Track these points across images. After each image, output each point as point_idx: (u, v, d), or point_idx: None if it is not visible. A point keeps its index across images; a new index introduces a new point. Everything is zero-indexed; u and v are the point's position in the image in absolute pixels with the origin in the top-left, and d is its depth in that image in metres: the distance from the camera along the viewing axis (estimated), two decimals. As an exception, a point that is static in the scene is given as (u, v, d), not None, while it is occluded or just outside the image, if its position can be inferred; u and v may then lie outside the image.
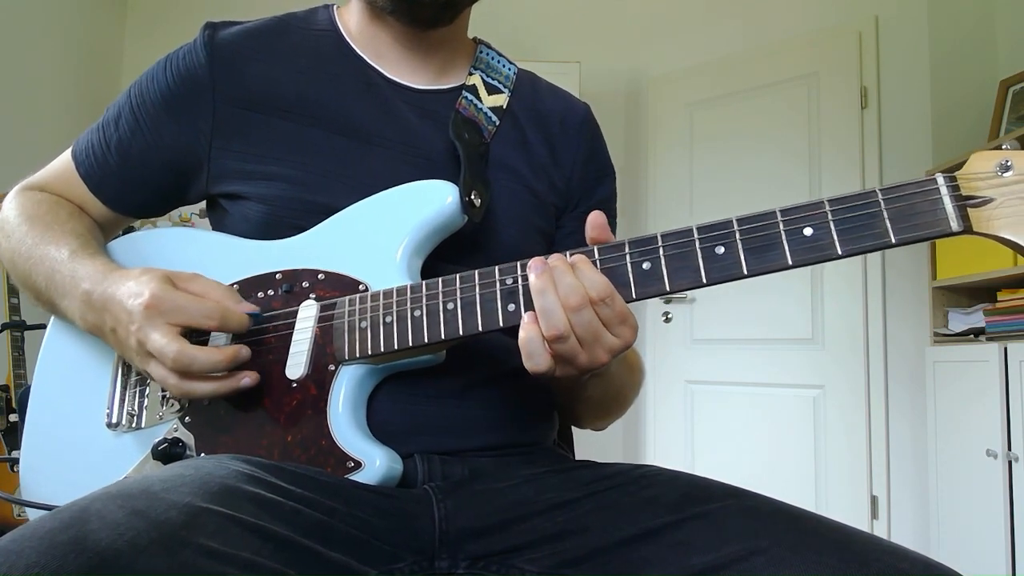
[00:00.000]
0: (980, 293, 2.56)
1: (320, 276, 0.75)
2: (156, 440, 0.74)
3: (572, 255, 0.65)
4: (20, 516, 2.25)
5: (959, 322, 2.55)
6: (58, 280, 0.77)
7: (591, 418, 0.91)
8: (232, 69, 0.81)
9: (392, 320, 0.70)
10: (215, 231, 0.85)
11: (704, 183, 3.32)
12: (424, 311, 0.69)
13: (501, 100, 0.88)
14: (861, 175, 2.95)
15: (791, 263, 0.61)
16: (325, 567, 0.55)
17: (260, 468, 0.59)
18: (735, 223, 0.62)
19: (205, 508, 0.49)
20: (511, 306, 0.66)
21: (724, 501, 0.63)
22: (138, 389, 0.79)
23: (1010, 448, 2.15)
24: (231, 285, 0.78)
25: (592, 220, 0.67)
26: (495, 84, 0.89)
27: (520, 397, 0.80)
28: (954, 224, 0.57)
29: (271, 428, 0.72)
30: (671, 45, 3.53)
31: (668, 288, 0.64)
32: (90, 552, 0.42)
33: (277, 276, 0.77)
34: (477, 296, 0.68)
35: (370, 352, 0.70)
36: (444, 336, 0.68)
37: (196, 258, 0.81)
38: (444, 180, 0.75)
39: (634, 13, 3.62)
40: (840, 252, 0.59)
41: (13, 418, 2.42)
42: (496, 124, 0.86)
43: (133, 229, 0.98)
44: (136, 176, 0.85)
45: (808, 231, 0.60)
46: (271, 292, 0.77)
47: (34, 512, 0.81)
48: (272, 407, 0.72)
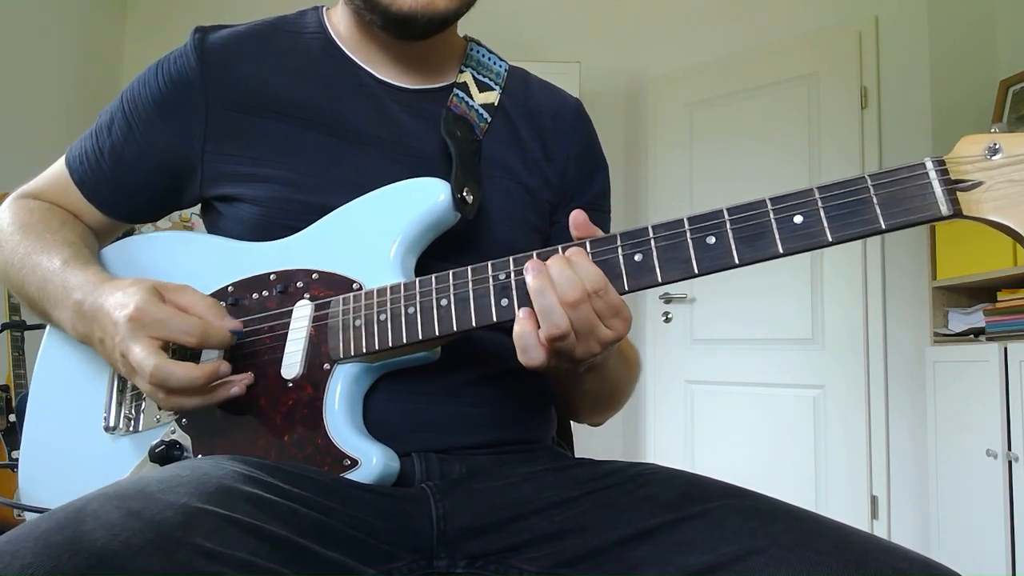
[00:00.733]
0: (980, 293, 2.56)
1: (314, 276, 0.76)
2: (153, 443, 0.74)
3: (567, 248, 0.66)
4: (20, 516, 2.25)
5: (959, 322, 2.55)
6: (50, 290, 0.78)
7: (589, 412, 0.91)
8: (223, 72, 0.81)
9: (386, 318, 0.70)
10: (210, 233, 0.85)
11: (704, 183, 3.32)
12: (418, 308, 0.69)
13: (492, 97, 0.88)
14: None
15: (782, 251, 0.61)
16: (322, 567, 0.54)
17: (257, 468, 0.59)
18: (725, 213, 0.62)
19: (201, 508, 0.49)
20: (504, 301, 0.67)
21: (723, 500, 0.63)
22: (135, 392, 0.79)
23: (1010, 448, 2.15)
24: (227, 287, 0.78)
25: (574, 219, 0.67)
26: (486, 81, 0.89)
27: (517, 394, 0.80)
28: (944, 208, 0.57)
29: (268, 428, 0.72)
30: (671, 45, 3.53)
31: (660, 279, 0.64)
32: (86, 553, 0.42)
33: (271, 277, 0.77)
34: (470, 292, 0.68)
35: (365, 350, 0.70)
36: (438, 332, 0.68)
37: (190, 261, 0.82)
38: (436, 178, 0.75)
39: (634, 13, 3.62)
40: (830, 239, 0.59)
41: (13, 418, 2.42)
42: (488, 121, 0.86)
43: (133, 231, 0.98)
44: (130, 181, 0.85)
45: (798, 219, 0.60)
46: (265, 293, 0.77)
47: (33, 515, 0.81)
48: (268, 407, 0.72)
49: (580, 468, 0.73)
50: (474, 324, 0.67)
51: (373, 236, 0.75)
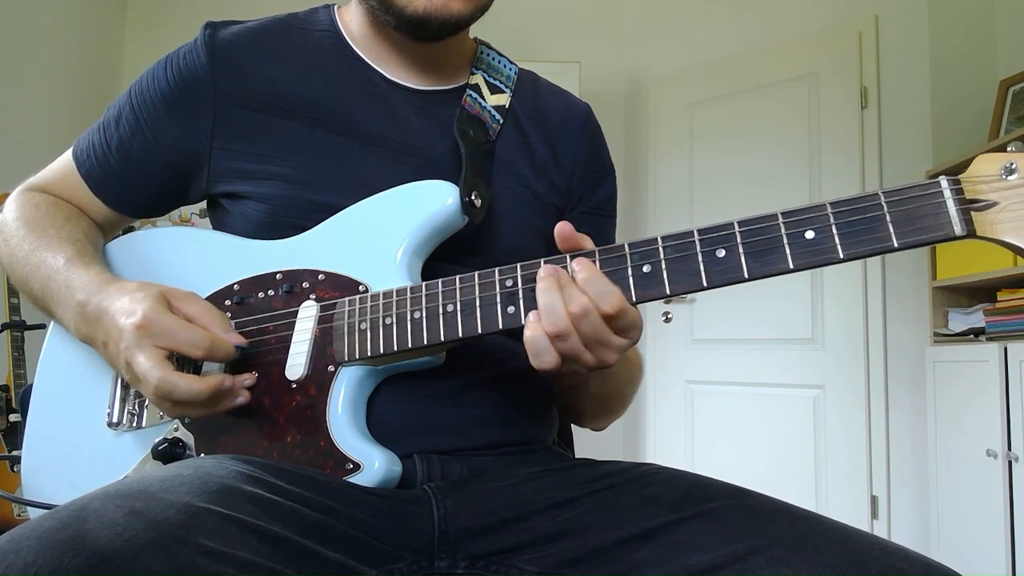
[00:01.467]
0: (980, 293, 2.56)
1: (320, 276, 0.75)
2: (156, 440, 0.74)
3: (575, 257, 0.65)
4: (20, 516, 2.25)
5: (959, 322, 2.55)
6: (53, 288, 0.77)
7: (593, 416, 0.91)
8: (233, 68, 0.81)
9: (392, 322, 0.70)
10: (215, 231, 0.85)
11: (704, 183, 3.32)
12: (424, 313, 0.69)
13: (504, 100, 0.88)
14: (861, 175, 2.95)
15: (792, 267, 0.60)
16: (324, 567, 0.54)
17: (259, 468, 0.59)
18: (736, 226, 0.61)
19: (203, 508, 0.49)
20: (511, 308, 0.66)
21: (724, 500, 0.63)
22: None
23: (1010, 448, 2.15)
24: (232, 285, 0.78)
25: (560, 231, 0.66)
26: (497, 84, 0.89)
27: (519, 397, 0.80)
28: (957, 228, 0.56)
29: (270, 429, 0.72)
30: (671, 45, 3.53)
31: (668, 291, 0.63)
32: (88, 552, 0.42)
33: (277, 276, 0.77)
34: (477, 298, 0.67)
35: (370, 353, 0.70)
36: (444, 338, 0.68)
37: (196, 258, 0.81)
38: (445, 180, 0.75)
39: (634, 13, 3.62)
40: (842, 256, 0.58)
41: (13, 418, 2.42)
42: (500, 123, 0.86)
43: (132, 229, 0.98)
44: (137, 176, 0.85)
45: (810, 234, 0.59)
46: (271, 292, 0.77)
47: (35, 512, 0.81)
48: (271, 408, 0.72)
49: (581, 468, 0.73)
50: (480, 331, 0.67)
51: (380, 238, 0.74)
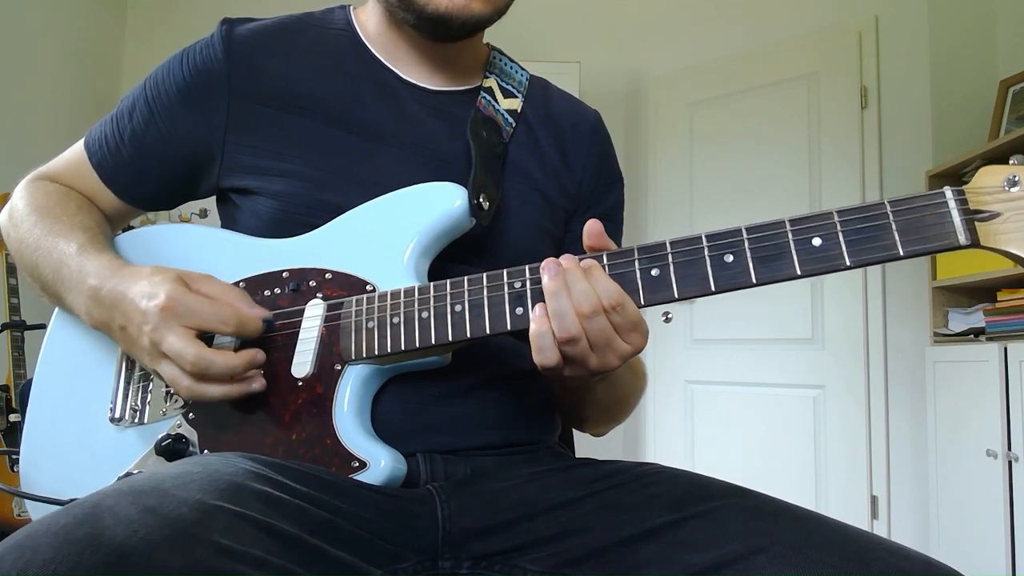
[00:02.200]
0: (980, 293, 2.56)
1: (327, 275, 0.76)
2: (160, 436, 0.74)
3: (583, 260, 0.66)
4: (20, 516, 2.25)
5: (959, 322, 2.55)
6: (65, 274, 0.78)
7: (595, 422, 0.91)
8: (248, 65, 0.82)
9: (399, 321, 0.70)
10: (223, 228, 0.86)
11: (704, 183, 3.32)
12: (432, 313, 0.69)
13: (516, 104, 0.89)
14: (861, 175, 2.95)
15: (800, 272, 0.61)
16: (331, 566, 0.55)
17: (265, 466, 0.59)
18: (744, 231, 0.62)
19: (216, 505, 0.49)
20: (519, 309, 0.67)
21: (725, 500, 0.63)
22: (142, 384, 0.79)
23: (1010, 448, 2.15)
24: (238, 282, 0.78)
25: (589, 228, 0.67)
26: (510, 88, 0.90)
27: (523, 397, 0.80)
28: (962, 238, 0.58)
29: (275, 426, 0.72)
30: (671, 45, 3.53)
31: (676, 295, 0.64)
32: (106, 549, 0.42)
33: (284, 274, 0.77)
34: (485, 299, 0.68)
35: (377, 353, 0.71)
36: (451, 338, 0.68)
37: (203, 254, 0.82)
38: (454, 182, 0.75)
39: (634, 13, 3.62)
40: (849, 263, 0.60)
41: (13, 418, 2.42)
42: (512, 126, 0.87)
43: (131, 228, 0.98)
44: (149, 168, 0.85)
45: (817, 241, 0.61)
46: (278, 290, 0.77)
47: (35, 510, 0.81)
48: (277, 405, 0.73)
49: (583, 468, 0.74)
50: (488, 331, 0.67)
51: (388, 239, 0.75)
